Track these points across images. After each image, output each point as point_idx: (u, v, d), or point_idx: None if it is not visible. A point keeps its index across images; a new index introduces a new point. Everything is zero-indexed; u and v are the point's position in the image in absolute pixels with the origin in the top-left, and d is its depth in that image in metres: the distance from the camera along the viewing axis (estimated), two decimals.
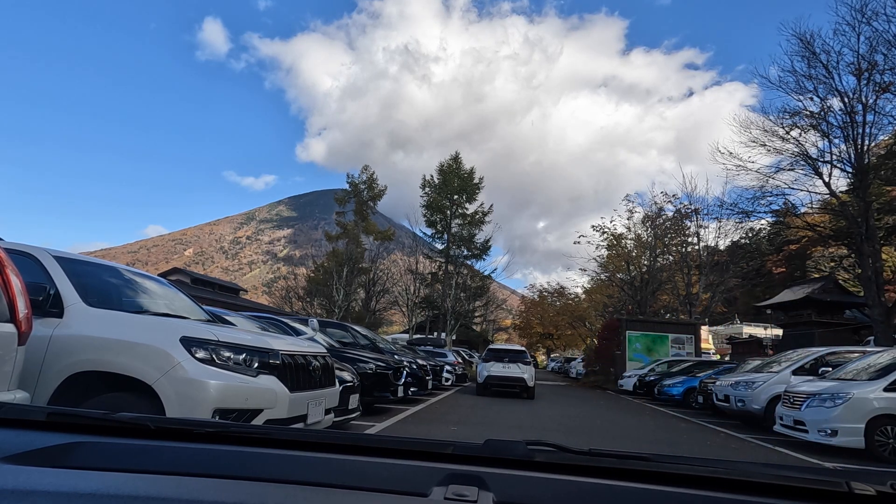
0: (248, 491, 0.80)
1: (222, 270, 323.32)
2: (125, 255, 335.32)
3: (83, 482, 0.78)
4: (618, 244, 32.33)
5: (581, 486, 0.88)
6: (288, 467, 0.90)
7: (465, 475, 0.87)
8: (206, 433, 1.06)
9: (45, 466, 0.85)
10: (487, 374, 15.59)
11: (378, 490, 0.83)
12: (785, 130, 16.61)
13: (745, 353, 38.37)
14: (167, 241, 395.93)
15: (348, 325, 12.26)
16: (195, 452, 0.95)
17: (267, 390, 3.48)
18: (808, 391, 8.38)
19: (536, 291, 55.21)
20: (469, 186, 34.02)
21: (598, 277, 37.60)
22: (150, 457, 0.93)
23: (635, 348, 25.45)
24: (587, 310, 42.20)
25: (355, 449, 1.00)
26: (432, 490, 0.83)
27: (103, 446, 0.96)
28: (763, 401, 10.25)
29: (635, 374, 21.08)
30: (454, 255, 33.46)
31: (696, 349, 24.99)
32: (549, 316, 52.00)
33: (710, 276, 27.49)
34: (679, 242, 30.15)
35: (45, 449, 0.92)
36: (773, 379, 10.45)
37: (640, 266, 31.74)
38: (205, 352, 3.36)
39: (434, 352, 22.20)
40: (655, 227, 30.70)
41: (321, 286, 31.58)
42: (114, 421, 1.06)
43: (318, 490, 0.82)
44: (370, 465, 0.92)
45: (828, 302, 43.34)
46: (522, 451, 0.99)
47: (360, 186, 36.01)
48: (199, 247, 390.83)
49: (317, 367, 4.19)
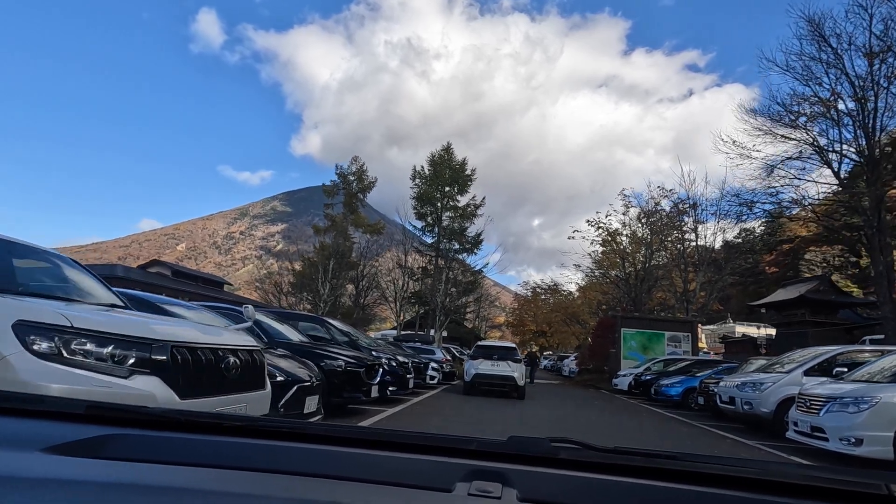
0: (274, 484, 0.81)
1: (215, 266, 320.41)
2: (116, 250, 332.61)
3: (118, 473, 0.81)
4: (613, 240, 31.57)
5: (606, 483, 0.87)
6: (313, 461, 0.91)
7: (488, 471, 0.87)
8: (235, 427, 1.07)
9: (83, 457, 0.87)
10: (475, 372, 14.69)
11: (402, 485, 0.84)
12: (793, 117, 15.72)
13: (738, 353, 37.95)
14: (159, 236, 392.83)
15: (325, 320, 11.31)
16: (223, 445, 0.97)
17: (140, 396, 2.50)
18: (827, 394, 7.49)
19: (530, 289, 54.33)
20: (461, 178, 32.79)
21: (592, 274, 36.82)
22: (181, 449, 0.94)
23: (630, 346, 24.72)
24: (581, 307, 41.40)
25: (380, 444, 1.01)
26: (456, 485, 0.83)
27: (137, 438, 0.98)
28: (772, 404, 9.38)
29: (630, 372, 20.32)
30: (445, 248, 32.28)
31: (694, 348, 24.26)
32: (542, 313, 51.34)
33: (707, 272, 26.71)
34: (675, 239, 29.38)
35: (83, 440, 0.94)
36: (783, 380, 9.58)
37: (636, 263, 30.97)
38: (49, 342, 2.40)
39: (422, 349, 21.39)
40: (652, 224, 29.96)
41: (308, 280, 30.41)
42: (147, 414, 1.09)
43: (343, 484, 0.83)
44: (394, 459, 0.94)
45: (822, 301, 43.66)
46: (546, 447, 0.98)
47: (350, 178, 34.75)
48: (191, 241, 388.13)
49: (234, 365, 3.21)
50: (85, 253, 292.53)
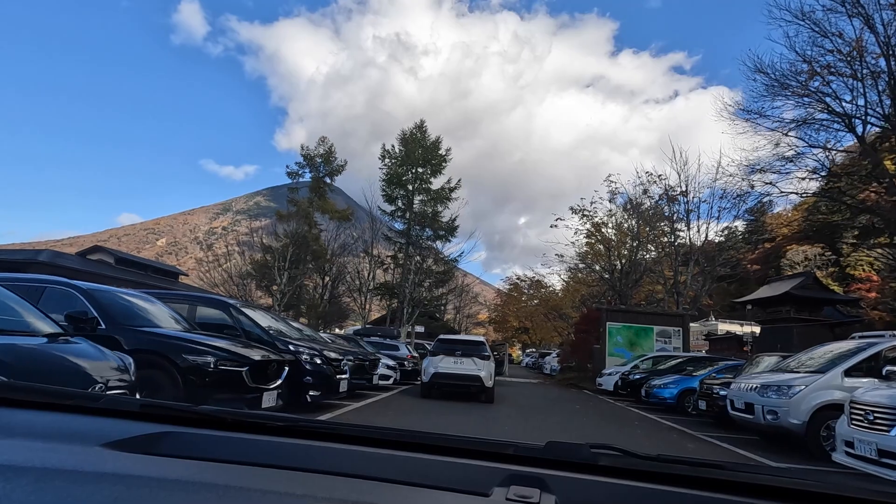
0: (314, 484, 0.82)
1: (196, 262, 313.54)
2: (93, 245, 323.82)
3: (169, 469, 0.82)
4: (597, 232, 29.44)
5: (648, 492, 0.85)
6: (353, 462, 0.91)
7: (526, 476, 0.86)
8: (277, 426, 1.08)
9: (138, 453, 0.89)
10: (434, 370, 12.32)
11: (440, 488, 0.83)
12: (806, 77, 13.53)
13: (723, 350, 36.66)
14: (139, 231, 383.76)
15: (231, 305, 8.82)
16: (267, 445, 0.98)
17: None
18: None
19: (511, 283, 52.20)
20: (435, 158, 29.83)
21: (575, 268, 34.66)
22: (228, 447, 0.96)
23: (616, 342, 22.62)
24: (563, 299, 39.26)
25: (418, 447, 1.01)
26: (493, 490, 0.82)
27: (187, 436, 0.99)
28: (805, 413, 7.14)
29: (617, 371, 18.18)
30: (416, 235, 29.63)
31: (685, 344, 22.21)
32: (524, 309, 49.25)
33: (701, 261, 24.67)
34: (662, 231, 27.30)
35: (138, 437, 0.95)
36: (817, 382, 7.34)
37: (621, 257, 28.86)
38: None
39: (384, 344, 19.03)
40: (640, 214, 27.84)
41: (268, 270, 27.61)
42: (196, 413, 1.11)
43: (382, 485, 0.83)
44: (433, 462, 0.93)
45: (807, 298, 43.10)
46: (586, 454, 0.97)
47: (317, 160, 32.02)
48: (172, 237, 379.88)
49: None
50: (61, 248, 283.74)
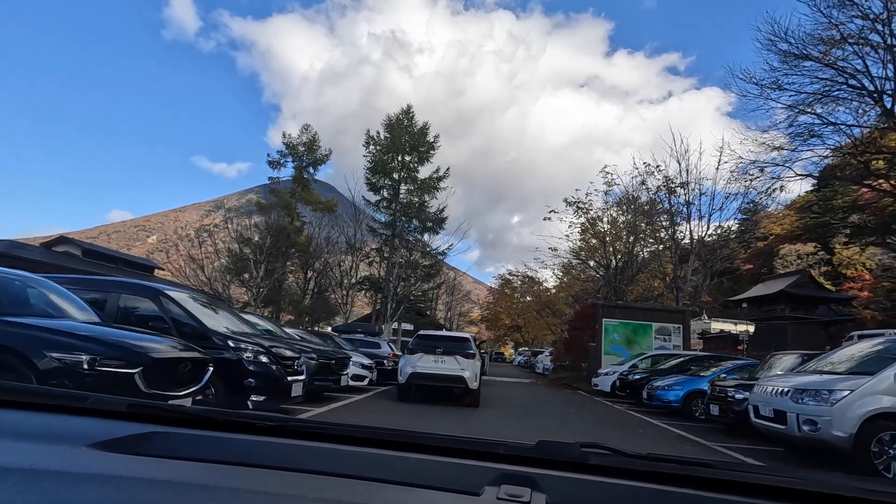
0: (304, 483, 0.82)
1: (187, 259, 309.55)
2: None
3: (157, 469, 0.82)
4: (592, 227, 28.18)
5: (638, 491, 0.85)
6: (343, 462, 0.90)
7: (517, 476, 0.86)
8: (267, 426, 1.07)
9: (125, 453, 0.89)
10: (412, 370, 10.96)
11: (431, 487, 0.83)
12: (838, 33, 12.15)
13: (718, 349, 35.91)
14: (129, 228, 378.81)
15: (160, 292, 7.38)
16: (257, 445, 0.97)
17: None
18: None
19: (503, 279, 50.87)
20: (422, 145, 28.30)
21: (569, 263, 33.37)
22: (216, 448, 0.95)
23: (613, 339, 21.34)
24: (556, 295, 37.97)
25: (409, 446, 1.00)
26: (484, 489, 0.82)
27: (175, 436, 0.98)
28: (853, 424, 5.83)
29: (614, 370, 16.90)
30: (402, 227, 28.11)
31: (686, 341, 20.97)
32: (516, 307, 47.98)
33: (703, 254, 23.43)
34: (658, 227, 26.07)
35: (125, 437, 0.95)
36: (865, 386, 6.02)
37: (616, 253, 27.61)
38: None
39: (365, 341, 17.70)
40: (637, 208, 26.60)
41: (245, 263, 26.10)
42: (185, 413, 1.11)
43: (373, 485, 0.82)
44: (424, 462, 0.93)
45: (802, 297, 42.92)
46: (576, 453, 0.96)
47: (300, 149, 30.48)
48: (163, 234, 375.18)
49: None
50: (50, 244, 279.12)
